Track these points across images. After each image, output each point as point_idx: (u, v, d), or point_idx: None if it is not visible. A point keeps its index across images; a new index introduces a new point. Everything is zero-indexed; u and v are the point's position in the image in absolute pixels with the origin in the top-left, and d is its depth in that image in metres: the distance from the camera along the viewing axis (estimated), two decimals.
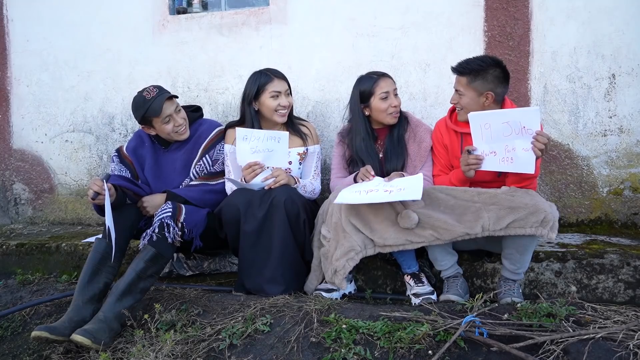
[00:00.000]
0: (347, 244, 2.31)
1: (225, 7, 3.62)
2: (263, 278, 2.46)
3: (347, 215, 2.33)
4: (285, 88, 2.75)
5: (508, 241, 2.27)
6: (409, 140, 2.67)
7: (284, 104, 2.72)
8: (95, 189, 2.38)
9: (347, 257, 2.30)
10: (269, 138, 2.57)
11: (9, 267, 3.23)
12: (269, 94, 2.70)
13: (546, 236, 2.14)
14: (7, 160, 3.98)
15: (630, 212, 3.02)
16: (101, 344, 2.12)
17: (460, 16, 3.11)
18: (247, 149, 2.59)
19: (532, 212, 2.15)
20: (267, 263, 2.47)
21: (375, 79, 2.64)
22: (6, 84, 3.93)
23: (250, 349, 2.03)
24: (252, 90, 2.73)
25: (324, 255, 2.42)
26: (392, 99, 2.63)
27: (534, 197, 2.21)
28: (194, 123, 2.83)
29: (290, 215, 2.47)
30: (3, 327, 2.55)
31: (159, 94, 2.62)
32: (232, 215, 2.51)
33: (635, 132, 2.97)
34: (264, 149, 2.58)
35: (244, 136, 2.59)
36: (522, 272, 2.34)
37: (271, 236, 2.48)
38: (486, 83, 2.37)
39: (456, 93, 2.45)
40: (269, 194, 2.51)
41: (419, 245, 2.29)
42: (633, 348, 1.72)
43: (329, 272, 2.35)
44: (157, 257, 2.38)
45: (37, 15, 3.82)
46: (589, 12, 2.95)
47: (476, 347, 1.86)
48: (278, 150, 2.59)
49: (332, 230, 2.37)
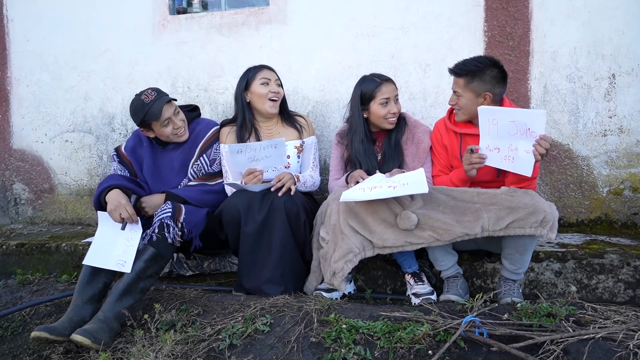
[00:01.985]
0: (346, 246, 2.30)
1: (225, 7, 3.62)
2: (262, 278, 2.46)
3: (345, 217, 2.33)
4: (274, 77, 2.78)
5: (508, 241, 2.27)
6: (407, 142, 2.65)
7: (274, 90, 2.74)
8: (125, 216, 2.41)
9: (346, 259, 2.30)
10: (265, 147, 2.54)
11: (9, 267, 3.23)
12: (258, 81, 2.73)
13: (546, 236, 2.14)
14: (7, 160, 3.98)
15: (630, 212, 3.02)
16: (101, 344, 2.12)
17: (460, 16, 3.11)
18: (243, 160, 2.55)
19: (531, 212, 2.15)
20: (266, 264, 2.47)
21: (377, 83, 2.60)
22: (6, 84, 3.93)
23: (250, 349, 2.03)
24: (242, 83, 2.78)
25: (322, 257, 2.41)
26: (392, 106, 2.60)
27: (534, 197, 2.21)
28: (191, 122, 2.83)
29: (290, 216, 2.47)
30: (3, 327, 2.55)
31: (158, 98, 2.61)
32: (232, 217, 2.51)
33: (635, 132, 2.97)
34: (262, 157, 2.56)
35: (237, 150, 2.54)
36: (521, 272, 2.33)
37: (271, 237, 2.47)
38: (484, 84, 2.35)
39: (454, 94, 2.45)
40: (270, 196, 2.51)
41: (419, 246, 2.29)
42: (633, 348, 1.72)
43: (328, 273, 2.35)
44: (157, 257, 2.38)
45: (37, 15, 3.82)
46: (589, 12, 2.95)
47: (476, 347, 1.86)
48: (275, 155, 2.57)
49: (331, 232, 2.36)
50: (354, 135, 2.66)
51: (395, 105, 2.62)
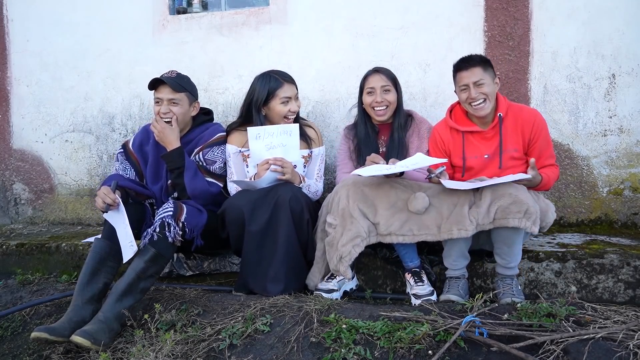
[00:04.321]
0: (355, 229, 2.32)
1: (225, 7, 3.62)
2: (267, 277, 2.46)
3: (355, 201, 2.36)
4: (295, 92, 2.73)
5: (495, 235, 2.31)
6: (412, 135, 2.72)
7: (294, 109, 2.72)
8: (109, 201, 2.39)
9: (354, 243, 2.32)
10: (282, 132, 2.58)
11: (9, 267, 3.23)
12: (279, 100, 2.68)
13: (529, 229, 2.18)
14: (7, 160, 3.98)
15: (630, 212, 3.02)
16: (101, 345, 2.12)
17: (460, 16, 3.11)
18: (261, 146, 2.58)
19: (514, 201, 2.18)
20: (272, 262, 2.47)
21: (367, 74, 2.72)
22: (6, 84, 3.93)
23: (250, 349, 2.03)
24: (262, 95, 2.68)
25: (329, 243, 2.42)
26: (377, 95, 2.65)
27: (518, 190, 2.24)
28: (200, 126, 2.81)
29: (294, 213, 2.47)
30: (3, 327, 2.55)
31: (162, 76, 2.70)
32: (236, 216, 2.50)
33: (635, 132, 2.97)
34: (279, 144, 2.58)
35: (256, 135, 2.58)
36: (514, 265, 2.35)
37: (276, 235, 2.47)
38: (493, 70, 2.49)
39: (474, 86, 2.42)
40: (274, 193, 2.50)
41: (420, 238, 2.31)
42: (633, 348, 1.72)
43: (334, 259, 2.36)
44: (157, 257, 2.37)
45: (37, 15, 3.82)
46: (589, 12, 2.95)
47: (476, 347, 1.86)
48: (290, 145, 2.59)
49: (339, 217, 2.37)
50: (358, 126, 2.77)
51: (380, 95, 2.66)
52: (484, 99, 2.43)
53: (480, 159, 2.51)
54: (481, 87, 2.42)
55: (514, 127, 2.48)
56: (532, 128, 2.46)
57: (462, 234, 2.24)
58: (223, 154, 2.75)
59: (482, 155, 2.50)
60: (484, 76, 2.42)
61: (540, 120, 2.49)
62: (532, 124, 2.46)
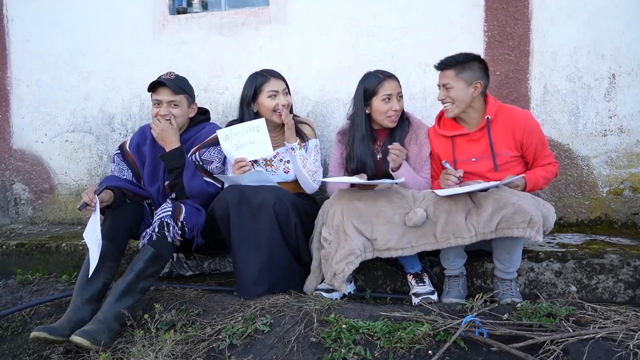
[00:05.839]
0: (348, 247, 2.30)
1: (225, 7, 3.62)
2: (251, 279, 2.44)
3: (349, 218, 2.32)
4: (282, 87, 2.75)
5: (495, 242, 2.29)
6: (410, 142, 2.65)
7: (283, 103, 2.72)
8: (85, 199, 2.40)
9: (347, 261, 2.29)
10: (247, 130, 2.61)
11: (9, 267, 3.23)
12: (266, 94, 2.72)
13: (534, 238, 2.14)
14: (7, 160, 3.98)
15: (630, 212, 3.02)
16: (101, 345, 2.12)
17: (460, 16, 3.11)
18: (230, 147, 2.63)
19: (517, 211, 2.14)
20: (257, 264, 2.44)
21: (380, 79, 2.61)
22: (6, 84, 3.93)
23: (250, 349, 2.03)
24: (249, 92, 2.76)
25: (324, 257, 2.41)
26: (394, 103, 2.60)
27: (520, 198, 2.21)
28: (196, 125, 2.81)
29: (279, 217, 2.47)
30: (3, 327, 2.55)
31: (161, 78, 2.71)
32: (223, 211, 2.50)
33: (635, 132, 2.97)
34: (246, 142, 2.61)
35: (225, 136, 2.64)
36: (513, 270, 2.34)
37: (259, 237, 2.46)
38: (474, 73, 2.43)
39: (443, 88, 2.47)
40: (260, 195, 2.49)
41: (419, 249, 2.29)
42: (633, 348, 1.72)
43: (329, 274, 2.35)
44: (156, 257, 2.37)
45: (37, 15, 3.82)
46: (589, 12, 2.95)
47: (476, 347, 1.86)
48: (259, 140, 2.61)
49: (334, 233, 2.36)
50: (355, 131, 2.66)
51: (397, 103, 2.61)
52: (451, 102, 2.46)
53: (468, 162, 2.51)
54: (449, 91, 2.44)
55: (505, 129, 2.46)
56: (523, 131, 2.44)
57: (459, 242, 2.22)
58: (220, 153, 2.75)
59: (470, 158, 2.51)
60: (455, 80, 2.42)
61: (532, 124, 2.47)
62: (524, 128, 2.44)
